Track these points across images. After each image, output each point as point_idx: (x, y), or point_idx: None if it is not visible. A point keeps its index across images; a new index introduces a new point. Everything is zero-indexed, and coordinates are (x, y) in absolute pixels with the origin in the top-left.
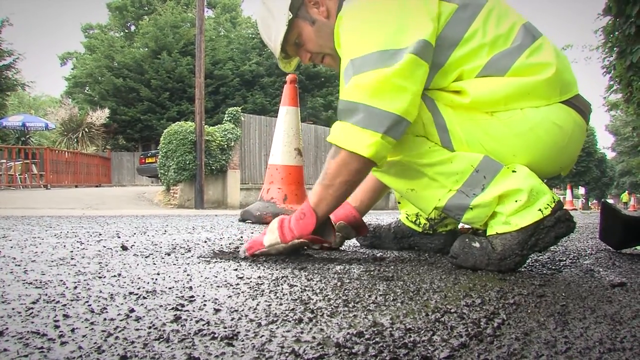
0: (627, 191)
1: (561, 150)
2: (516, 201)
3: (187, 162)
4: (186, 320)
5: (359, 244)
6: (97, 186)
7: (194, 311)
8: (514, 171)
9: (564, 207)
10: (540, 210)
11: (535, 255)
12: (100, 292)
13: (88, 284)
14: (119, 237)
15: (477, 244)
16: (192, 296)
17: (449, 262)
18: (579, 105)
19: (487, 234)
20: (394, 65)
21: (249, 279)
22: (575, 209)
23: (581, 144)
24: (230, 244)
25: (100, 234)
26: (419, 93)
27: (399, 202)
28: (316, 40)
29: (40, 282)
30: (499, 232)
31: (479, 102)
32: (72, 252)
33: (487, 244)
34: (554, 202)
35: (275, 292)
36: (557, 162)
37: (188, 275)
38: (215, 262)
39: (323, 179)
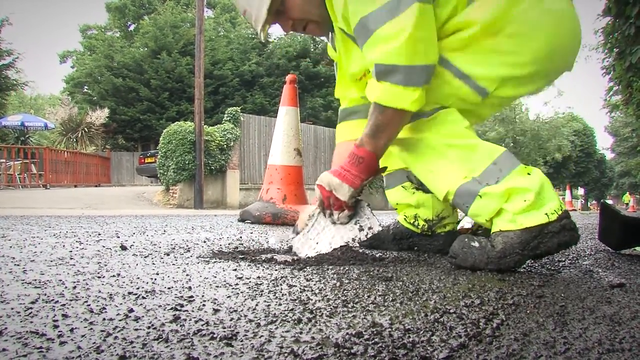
0: (628, 192)
1: (564, 37)
2: (524, 200)
3: (187, 162)
4: (185, 320)
5: (357, 245)
6: (96, 186)
7: (193, 311)
8: (529, 173)
9: (570, 217)
10: (546, 214)
11: None
12: (100, 292)
13: (87, 284)
14: (118, 237)
15: (475, 244)
16: (191, 296)
17: (448, 263)
18: None
19: (491, 231)
20: (407, 16)
21: (248, 279)
22: (575, 210)
23: (579, 28)
24: (229, 244)
25: (99, 234)
26: (436, 35)
27: (396, 208)
28: (302, 5)
29: (40, 281)
30: (502, 229)
31: (489, 24)
32: (71, 252)
33: (486, 243)
34: (561, 209)
35: (275, 293)
36: (566, 51)
37: (187, 275)
38: (215, 262)
39: (372, 132)
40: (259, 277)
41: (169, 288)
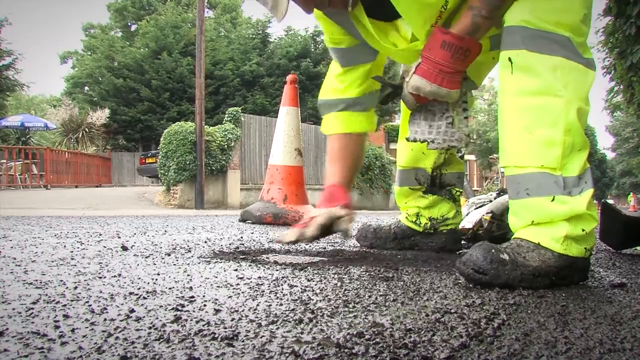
0: (632, 193)
1: None
2: (583, 230)
3: (187, 163)
4: (186, 320)
5: (359, 244)
6: (97, 186)
7: (194, 311)
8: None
9: None
10: (585, 249)
11: None
12: (101, 292)
13: (88, 284)
14: (119, 238)
15: (505, 256)
16: (192, 296)
17: (467, 279)
18: None
19: (525, 237)
20: None
21: (249, 279)
22: None
23: None
24: (230, 244)
25: (100, 234)
26: None
27: (400, 206)
28: None
29: (41, 282)
30: (541, 243)
31: None
32: (72, 252)
33: (515, 255)
34: (591, 249)
35: (276, 293)
36: None
37: (188, 275)
38: (216, 262)
39: (485, 13)
40: (260, 278)
41: (170, 288)
